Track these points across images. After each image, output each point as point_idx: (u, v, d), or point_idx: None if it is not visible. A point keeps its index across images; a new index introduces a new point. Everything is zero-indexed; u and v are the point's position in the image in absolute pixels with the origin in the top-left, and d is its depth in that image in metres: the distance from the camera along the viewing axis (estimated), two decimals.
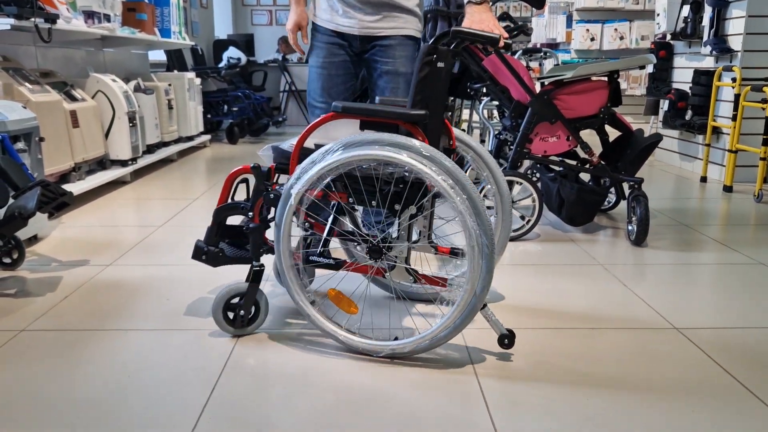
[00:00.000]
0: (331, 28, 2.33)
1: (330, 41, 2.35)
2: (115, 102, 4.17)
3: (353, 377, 1.62)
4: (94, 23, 4.16)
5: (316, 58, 2.38)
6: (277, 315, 2.02)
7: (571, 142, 2.83)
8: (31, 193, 2.22)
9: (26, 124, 2.74)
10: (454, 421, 1.42)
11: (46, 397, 1.52)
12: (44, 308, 2.07)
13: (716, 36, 4.30)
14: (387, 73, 2.34)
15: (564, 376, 1.63)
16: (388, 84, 2.34)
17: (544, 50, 5.01)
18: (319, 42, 2.38)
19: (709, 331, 1.91)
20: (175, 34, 5.70)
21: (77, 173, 3.70)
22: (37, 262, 2.55)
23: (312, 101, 2.42)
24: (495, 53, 2.77)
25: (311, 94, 2.42)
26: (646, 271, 2.45)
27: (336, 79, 2.36)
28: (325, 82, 2.36)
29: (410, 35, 2.34)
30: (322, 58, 2.36)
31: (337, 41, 2.34)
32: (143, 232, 3.02)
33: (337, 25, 2.32)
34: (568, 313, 2.03)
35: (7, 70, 3.31)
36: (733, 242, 2.84)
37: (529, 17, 8.57)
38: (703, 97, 4.41)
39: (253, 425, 1.41)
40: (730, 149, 3.98)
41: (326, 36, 2.35)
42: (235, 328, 1.86)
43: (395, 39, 2.31)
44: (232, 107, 6.69)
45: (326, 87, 2.36)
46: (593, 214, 2.94)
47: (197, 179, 4.45)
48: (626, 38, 6.94)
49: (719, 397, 1.53)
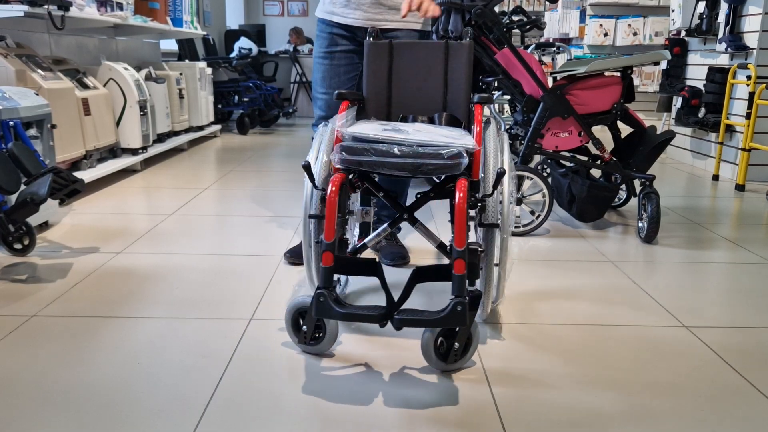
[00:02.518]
0: (335, 20, 2.31)
1: (333, 32, 2.33)
2: (127, 90, 4.18)
3: (365, 364, 1.62)
4: (106, 11, 4.16)
5: (319, 48, 2.37)
6: None
7: (583, 137, 2.82)
8: (43, 180, 2.23)
9: (38, 111, 2.75)
10: (460, 416, 1.42)
11: (56, 382, 1.53)
12: (55, 294, 2.08)
13: (732, 33, 4.25)
14: None
15: (572, 371, 1.62)
16: None
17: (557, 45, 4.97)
18: (322, 33, 2.36)
19: (719, 330, 1.89)
20: (187, 24, 5.70)
21: (88, 161, 3.71)
22: (48, 249, 2.56)
23: (314, 92, 2.41)
24: (508, 47, 2.75)
25: (314, 84, 2.41)
26: (656, 269, 2.43)
27: (338, 69, 2.34)
28: (327, 71, 2.34)
29: (415, 29, 2.33)
30: (325, 48, 2.34)
31: (340, 32, 2.32)
32: (153, 220, 3.03)
33: (341, 17, 2.30)
34: (577, 310, 2.03)
35: (21, 56, 3.32)
36: (745, 241, 2.81)
37: (543, 12, 8.51)
38: (717, 94, 4.36)
39: (263, 413, 1.41)
40: (743, 148, 3.94)
41: (330, 27, 2.33)
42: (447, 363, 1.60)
43: (402, 32, 2.30)
44: (243, 98, 6.70)
45: (327, 77, 2.34)
46: (604, 211, 2.92)
47: (207, 169, 4.46)
48: (640, 34, 6.88)
49: (728, 397, 1.52)
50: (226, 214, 3.16)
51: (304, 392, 1.51)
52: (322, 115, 2.39)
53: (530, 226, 2.87)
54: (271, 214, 3.18)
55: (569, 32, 7.57)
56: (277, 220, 3.07)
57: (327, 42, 2.34)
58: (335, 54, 2.33)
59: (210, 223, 2.98)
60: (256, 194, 3.64)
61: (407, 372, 1.61)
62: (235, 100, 6.76)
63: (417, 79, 1.96)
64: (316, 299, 1.47)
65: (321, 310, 1.48)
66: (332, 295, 1.48)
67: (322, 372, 1.60)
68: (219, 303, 2.03)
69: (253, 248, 2.61)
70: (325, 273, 1.51)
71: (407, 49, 1.97)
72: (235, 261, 2.43)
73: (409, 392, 1.51)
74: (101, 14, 4.04)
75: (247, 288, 2.17)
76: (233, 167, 4.52)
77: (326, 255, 1.49)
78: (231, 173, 4.29)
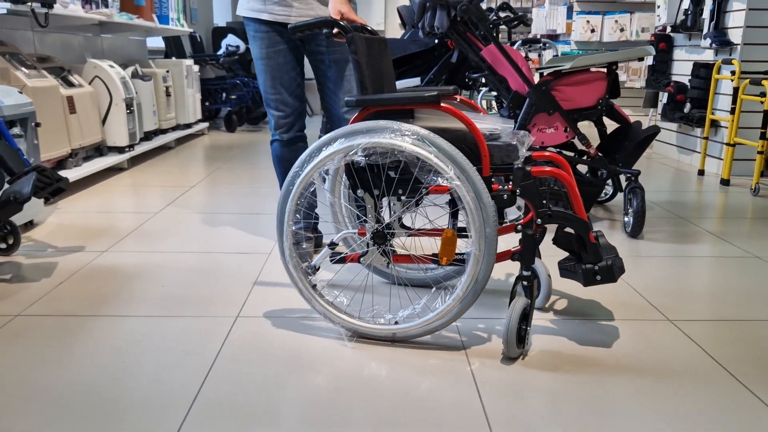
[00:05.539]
0: (265, 18, 2.27)
1: (267, 30, 2.28)
2: (113, 88, 4.15)
3: (350, 362, 1.62)
4: (91, 8, 4.13)
5: (259, 49, 2.31)
6: (275, 300, 2.02)
7: (569, 133, 2.83)
8: (27, 179, 2.22)
9: (22, 109, 2.73)
10: (448, 409, 1.43)
11: (41, 382, 1.53)
12: (40, 293, 2.07)
13: (716, 29, 4.28)
14: (336, 62, 2.31)
15: (557, 365, 1.63)
16: (340, 73, 2.30)
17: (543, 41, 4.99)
18: (257, 33, 2.30)
19: (703, 323, 1.91)
20: (174, 21, 5.67)
21: (74, 159, 3.69)
22: (32, 248, 2.54)
23: (265, 95, 2.35)
24: (494, 43, 2.76)
25: (263, 87, 2.35)
26: (641, 263, 2.45)
27: (284, 68, 2.31)
28: (274, 72, 2.31)
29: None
30: (265, 48, 2.29)
31: (275, 29, 2.28)
32: (140, 218, 3.01)
33: (272, 14, 2.26)
34: (563, 304, 2.04)
35: (4, 54, 3.29)
36: (729, 235, 2.84)
37: (530, 8, 8.53)
38: (702, 90, 4.40)
39: (248, 410, 1.41)
40: (728, 143, 3.98)
41: (263, 26, 2.28)
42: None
43: None
44: (231, 95, 6.67)
45: (276, 77, 2.31)
46: (590, 206, 2.94)
47: (194, 167, 4.44)
48: (626, 30, 6.91)
49: (711, 389, 1.53)
50: (213, 212, 3.15)
51: (290, 390, 1.51)
52: (282, 116, 2.35)
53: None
54: (258, 212, 3.17)
55: (556, 28, 7.59)
56: (263, 217, 3.07)
57: (266, 42, 2.29)
58: (279, 51, 2.29)
59: (197, 221, 2.97)
60: (244, 191, 3.63)
61: (399, 374, 1.61)
62: (223, 98, 6.73)
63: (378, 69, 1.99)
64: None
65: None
66: None
67: (309, 367, 1.60)
68: (205, 300, 2.03)
69: (239, 246, 2.60)
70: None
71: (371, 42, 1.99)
72: (221, 258, 2.43)
73: (397, 393, 1.52)
74: (86, 11, 4.00)
75: (233, 285, 2.16)
76: (220, 165, 4.51)
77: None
78: (218, 171, 4.27)
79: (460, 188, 1.55)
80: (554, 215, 1.65)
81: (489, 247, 1.59)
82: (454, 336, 1.79)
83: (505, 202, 1.63)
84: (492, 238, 1.58)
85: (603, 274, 1.68)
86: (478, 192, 1.56)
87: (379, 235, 1.73)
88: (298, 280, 1.77)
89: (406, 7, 4.19)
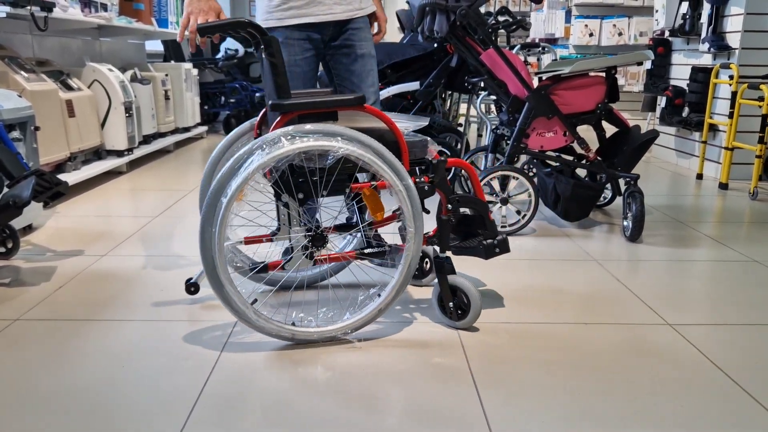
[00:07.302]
0: (303, 22, 2.13)
1: (301, 37, 2.15)
2: (112, 92, 4.15)
3: (349, 362, 1.62)
4: (90, 12, 4.14)
5: (291, 56, 2.16)
6: (275, 302, 2.02)
7: (568, 137, 2.83)
8: (26, 183, 2.21)
9: (21, 113, 2.73)
10: (448, 409, 1.42)
11: (40, 386, 1.52)
12: (39, 298, 2.07)
13: (714, 33, 4.30)
14: (362, 57, 2.24)
15: (556, 370, 1.63)
16: (365, 67, 2.25)
17: (542, 45, 5.00)
18: (288, 39, 2.15)
19: (702, 327, 1.91)
20: (173, 24, 5.68)
21: (73, 163, 3.68)
22: (31, 252, 2.54)
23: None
24: (493, 47, 2.77)
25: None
26: (640, 267, 2.45)
27: (309, 74, 2.21)
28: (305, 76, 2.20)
29: (368, 14, 2.27)
30: (298, 55, 2.17)
31: (307, 35, 2.16)
32: (138, 222, 3.01)
33: (312, 17, 2.14)
34: (562, 308, 2.04)
35: (3, 58, 3.29)
36: (728, 239, 2.85)
37: (528, 12, 8.55)
38: (701, 94, 4.41)
39: (248, 415, 1.41)
40: (727, 146, 3.98)
41: (295, 32, 2.15)
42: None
43: (363, 20, 2.23)
44: (230, 99, 6.67)
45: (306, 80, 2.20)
46: (589, 210, 2.95)
47: (193, 170, 4.44)
48: (625, 34, 6.94)
49: (710, 394, 1.53)
50: None
51: (291, 393, 1.51)
52: None
53: (516, 226, 2.89)
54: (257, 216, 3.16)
55: (555, 32, 7.61)
56: (263, 219, 3.06)
57: (295, 49, 2.16)
58: (306, 59, 2.19)
59: (196, 225, 2.97)
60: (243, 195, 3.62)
61: (399, 374, 1.61)
62: (222, 102, 6.73)
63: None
64: None
65: None
66: None
67: (308, 369, 1.60)
68: (204, 305, 2.02)
69: None
70: None
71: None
72: None
73: (397, 392, 1.52)
74: (85, 15, 4.01)
75: None
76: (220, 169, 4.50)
77: None
78: None
79: (395, 181, 1.68)
80: (461, 200, 1.87)
81: (419, 223, 1.72)
82: (454, 336, 1.79)
83: (426, 192, 1.80)
84: (419, 216, 1.72)
85: (501, 247, 1.93)
86: (407, 183, 1.70)
87: (318, 239, 1.79)
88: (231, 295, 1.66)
89: (405, 12, 4.20)
